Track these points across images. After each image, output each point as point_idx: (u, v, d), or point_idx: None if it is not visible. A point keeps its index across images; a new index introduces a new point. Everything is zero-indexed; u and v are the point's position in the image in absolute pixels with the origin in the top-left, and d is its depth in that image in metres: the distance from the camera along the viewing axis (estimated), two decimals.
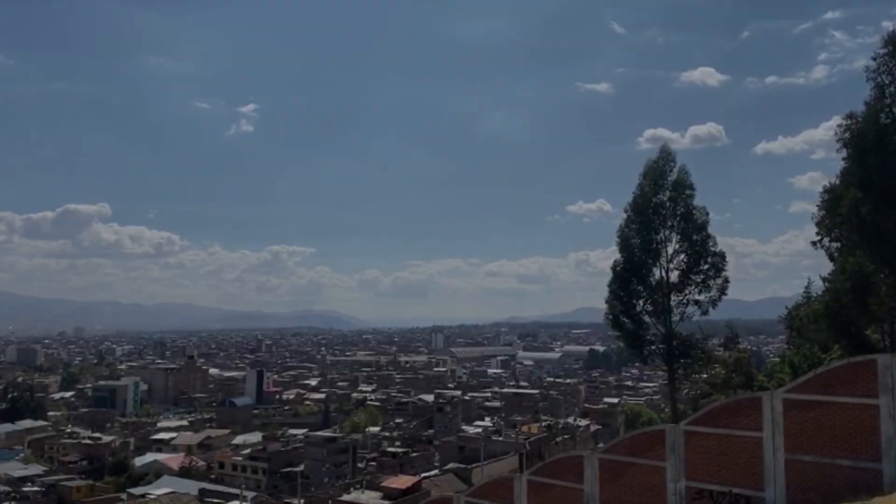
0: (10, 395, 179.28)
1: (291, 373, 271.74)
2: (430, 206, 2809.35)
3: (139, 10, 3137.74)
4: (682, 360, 44.05)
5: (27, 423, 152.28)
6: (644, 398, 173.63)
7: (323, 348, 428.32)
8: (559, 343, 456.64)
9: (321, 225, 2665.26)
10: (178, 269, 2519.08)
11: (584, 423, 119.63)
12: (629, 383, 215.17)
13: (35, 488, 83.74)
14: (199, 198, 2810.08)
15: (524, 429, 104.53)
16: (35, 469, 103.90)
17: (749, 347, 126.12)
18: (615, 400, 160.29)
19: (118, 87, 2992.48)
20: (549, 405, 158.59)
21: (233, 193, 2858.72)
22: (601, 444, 47.49)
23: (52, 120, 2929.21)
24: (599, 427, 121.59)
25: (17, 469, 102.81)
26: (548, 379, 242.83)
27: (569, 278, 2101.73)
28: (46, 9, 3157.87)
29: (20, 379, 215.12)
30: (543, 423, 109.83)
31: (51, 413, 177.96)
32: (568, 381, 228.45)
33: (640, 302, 43.50)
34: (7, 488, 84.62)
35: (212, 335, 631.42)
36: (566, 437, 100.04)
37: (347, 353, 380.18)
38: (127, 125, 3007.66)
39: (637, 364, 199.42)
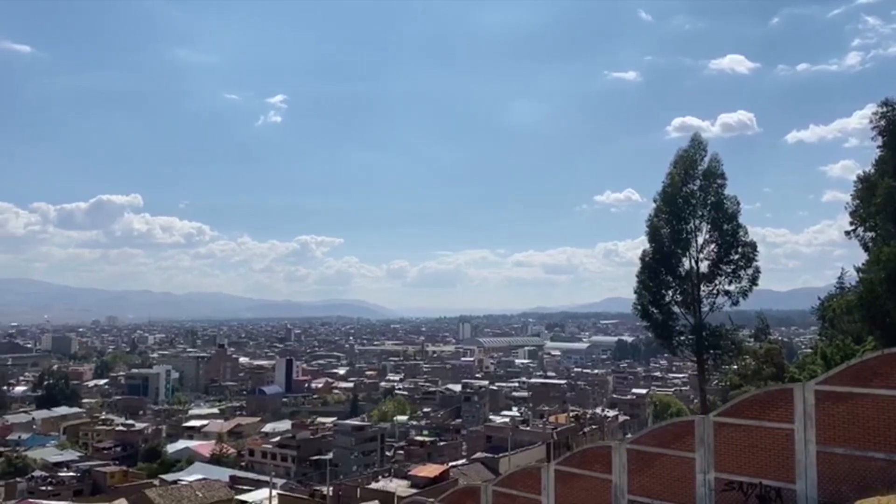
0: (46, 383, 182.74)
1: (320, 362, 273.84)
2: (458, 196, 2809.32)
3: (170, 3, 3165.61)
4: (711, 351, 43.71)
5: (63, 410, 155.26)
6: (673, 389, 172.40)
7: (351, 338, 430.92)
8: (587, 333, 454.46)
9: (349, 215, 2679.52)
10: (208, 258, 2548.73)
11: (612, 413, 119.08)
12: (658, 374, 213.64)
13: (71, 473, 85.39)
14: (228, 188, 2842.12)
15: (552, 419, 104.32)
16: (70, 455, 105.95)
17: (780, 339, 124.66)
18: (644, 391, 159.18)
19: (149, 80, 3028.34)
20: (577, 395, 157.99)
21: (262, 184, 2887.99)
22: (629, 435, 47.27)
23: (84, 112, 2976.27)
24: (628, 418, 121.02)
25: (53, 454, 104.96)
26: (575, 369, 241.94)
27: (597, 268, 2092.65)
28: (79, 2, 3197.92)
29: (56, 367, 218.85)
30: (571, 414, 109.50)
31: (85, 400, 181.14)
32: (596, 371, 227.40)
33: (670, 292, 43.18)
34: (44, 473, 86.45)
35: (242, 324, 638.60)
36: (594, 427, 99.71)
37: (375, 343, 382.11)
38: (158, 117, 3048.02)
39: (666, 355, 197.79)
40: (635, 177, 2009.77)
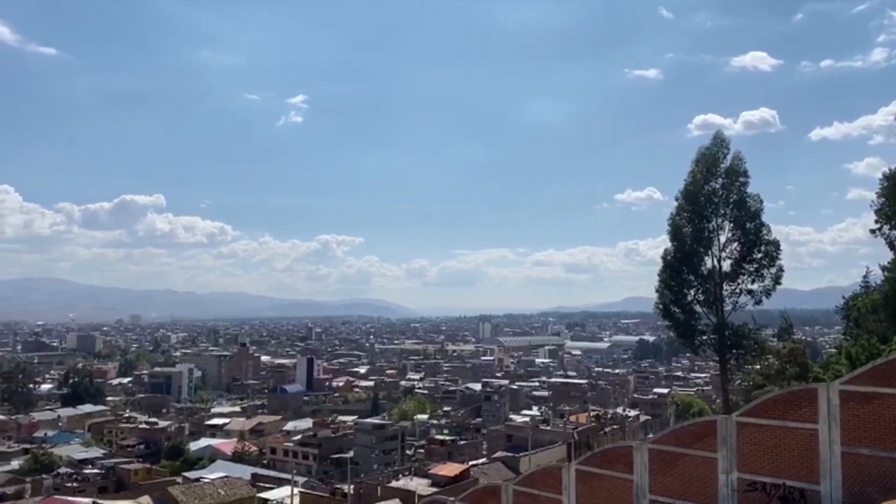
0: (71, 381, 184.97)
1: (341, 360, 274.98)
2: (478, 195, 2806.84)
3: (192, 4, 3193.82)
4: (734, 351, 43.43)
5: (87, 408, 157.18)
6: (695, 389, 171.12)
7: (371, 336, 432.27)
8: (608, 333, 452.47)
9: (370, 214, 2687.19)
10: (230, 258, 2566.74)
11: (633, 413, 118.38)
12: (679, 374, 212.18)
13: (95, 471, 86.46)
14: (250, 188, 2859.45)
15: (572, 419, 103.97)
16: (95, 452, 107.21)
17: (804, 338, 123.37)
18: (665, 390, 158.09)
19: (172, 81, 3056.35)
20: (598, 395, 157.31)
21: (283, 184, 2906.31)
22: (651, 435, 47.02)
23: (108, 113, 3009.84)
24: (649, 418, 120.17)
25: (78, 451, 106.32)
26: (596, 369, 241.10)
27: (617, 267, 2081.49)
28: (103, 5, 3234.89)
29: (80, 365, 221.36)
30: (592, 413, 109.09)
31: (109, 398, 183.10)
32: (617, 371, 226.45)
33: (692, 291, 42.96)
34: (69, 470, 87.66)
35: (263, 323, 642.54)
36: (615, 427, 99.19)
37: (396, 342, 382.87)
38: (181, 117, 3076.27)
39: (688, 354, 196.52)
40: (656, 175, 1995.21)
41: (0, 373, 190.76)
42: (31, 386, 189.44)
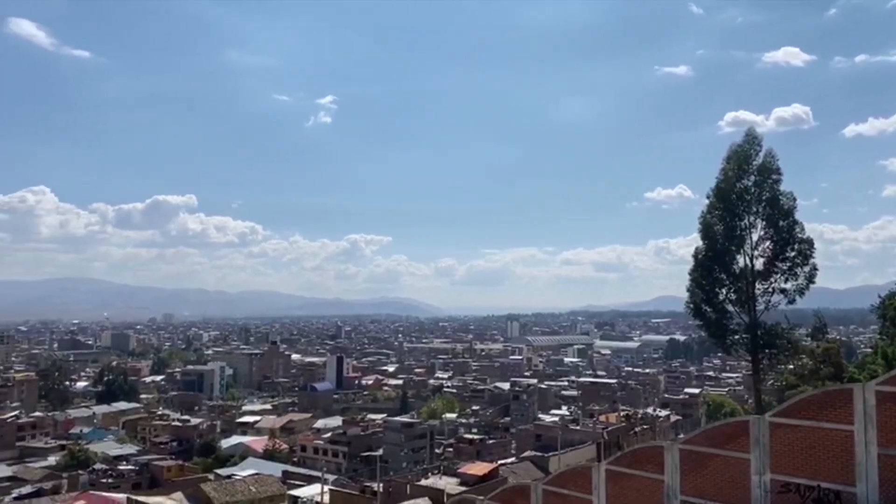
0: (105, 379, 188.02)
1: (370, 359, 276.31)
2: (506, 194, 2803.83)
3: (220, 6, 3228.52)
4: (766, 351, 42.88)
5: (121, 405, 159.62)
6: (727, 389, 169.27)
7: (400, 335, 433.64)
8: (638, 332, 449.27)
9: (398, 214, 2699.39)
10: (261, 257, 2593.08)
11: (663, 413, 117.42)
12: (711, 373, 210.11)
13: (129, 467, 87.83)
14: (280, 188, 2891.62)
15: (602, 418, 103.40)
16: (129, 449, 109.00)
17: (838, 338, 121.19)
18: (696, 390, 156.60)
19: (203, 82, 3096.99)
20: (628, 395, 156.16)
21: (312, 184, 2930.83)
22: (681, 435, 46.60)
23: (141, 114, 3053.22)
24: (680, 418, 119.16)
25: (112, 448, 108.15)
26: (626, 368, 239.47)
27: (648, 266, 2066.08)
28: (134, 7, 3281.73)
29: (115, 363, 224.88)
30: (622, 413, 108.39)
31: (143, 396, 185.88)
32: (647, 370, 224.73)
33: (723, 290, 42.50)
34: (104, 466, 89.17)
35: (293, 322, 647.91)
36: (645, 427, 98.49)
37: (424, 341, 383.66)
38: (211, 118, 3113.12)
39: (719, 354, 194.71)
40: (687, 173, 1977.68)
41: (37, 371, 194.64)
42: (67, 383, 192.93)
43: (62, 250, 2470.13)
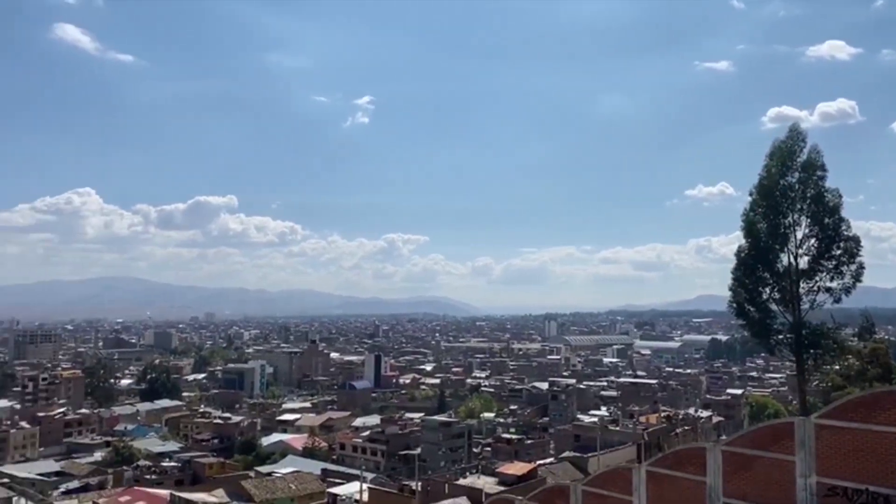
0: (149, 377, 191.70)
1: (407, 358, 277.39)
2: (543, 192, 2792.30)
3: (259, 9, 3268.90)
4: (811, 351, 42.07)
5: (164, 403, 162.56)
6: (770, 390, 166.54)
7: (437, 334, 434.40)
8: (678, 332, 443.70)
9: (435, 213, 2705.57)
10: (300, 257, 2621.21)
11: (705, 414, 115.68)
12: (754, 374, 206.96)
13: (172, 463, 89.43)
14: (318, 188, 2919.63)
15: (642, 419, 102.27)
16: (172, 445, 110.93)
17: (887, 338, 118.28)
18: (739, 391, 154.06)
19: (243, 84, 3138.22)
20: (668, 396, 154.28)
21: (350, 183, 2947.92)
22: (724, 437, 45.90)
23: (182, 117, 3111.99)
24: (722, 419, 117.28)
25: (156, 445, 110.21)
26: (667, 369, 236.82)
27: (689, 265, 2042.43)
28: (175, 11, 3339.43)
29: (158, 361, 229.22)
30: (662, 414, 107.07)
31: (185, 393, 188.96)
32: (688, 371, 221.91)
33: (767, 289, 41.76)
34: (148, 462, 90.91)
35: (332, 321, 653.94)
36: (686, 428, 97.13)
37: (461, 340, 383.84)
38: (251, 120, 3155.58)
39: (763, 354, 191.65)
40: (729, 170, 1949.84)
41: (83, 368, 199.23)
42: (112, 381, 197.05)
43: (107, 250, 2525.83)
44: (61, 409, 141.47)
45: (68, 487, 77.90)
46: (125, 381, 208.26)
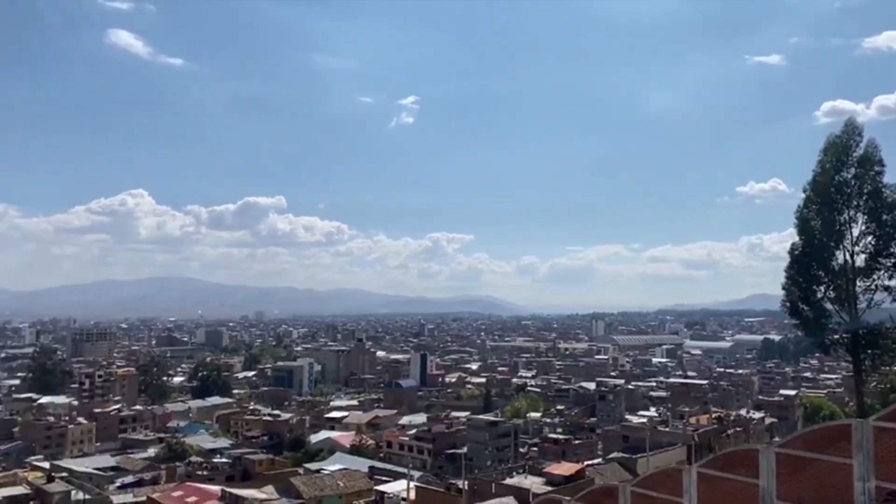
0: (200, 374, 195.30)
1: (453, 357, 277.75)
2: (590, 190, 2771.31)
3: (305, 11, 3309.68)
4: (869, 351, 40.99)
5: (215, 400, 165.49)
6: (825, 391, 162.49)
7: (482, 333, 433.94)
8: (730, 332, 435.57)
9: (479, 212, 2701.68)
10: (346, 256, 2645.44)
11: (757, 415, 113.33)
12: (808, 374, 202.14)
13: (223, 460, 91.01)
14: (364, 188, 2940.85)
15: (692, 420, 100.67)
16: (223, 442, 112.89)
17: None
18: (792, 392, 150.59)
19: (290, 86, 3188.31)
20: (719, 396, 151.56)
21: (395, 183, 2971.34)
22: (777, 438, 44.90)
23: (232, 119, 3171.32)
24: (775, 420, 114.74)
25: (207, 441, 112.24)
26: (718, 369, 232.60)
27: (740, 263, 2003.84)
28: (223, 15, 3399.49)
29: (209, 359, 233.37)
30: (713, 415, 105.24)
31: (235, 391, 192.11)
32: (740, 371, 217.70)
33: (822, 288, 40.80)
34: (199, 459, 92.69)
35: (378, 319, 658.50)
36: (738, 429, 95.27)
37: (507, 339, 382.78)
38: (298, 121, 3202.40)
39: (817, 354, 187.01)
40: (781, 166, 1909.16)
41: (137, 366, 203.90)
42: (165, 379, 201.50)
43: (159, 251, 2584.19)
44: (116, 406, 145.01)
45: (123, 482, 79.91)
46: (177, 379, 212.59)
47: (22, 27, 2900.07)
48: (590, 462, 77.10)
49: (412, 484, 60.21)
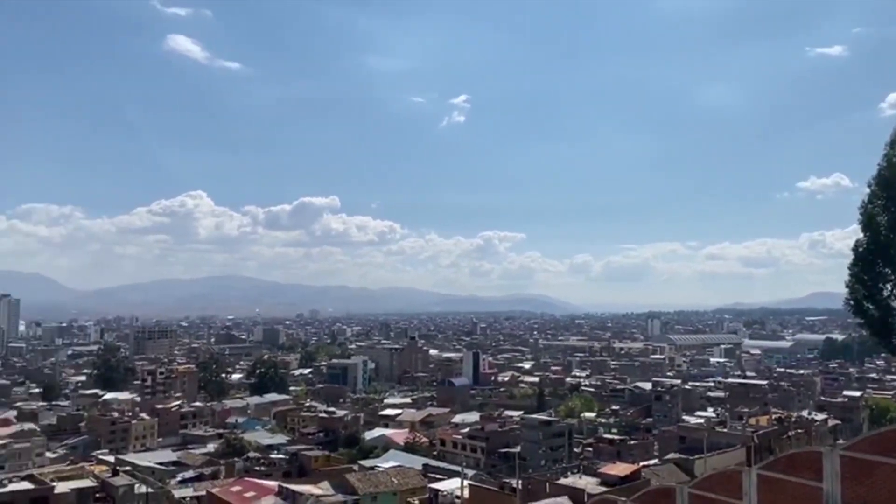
0: (258, 371, 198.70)
1: (505, 356, 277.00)
2: (645, 187, 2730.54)
3: (357, 13, 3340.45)
4: None
5: (272, 397, 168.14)
6: (892, 392, 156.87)
7: (535, 332, 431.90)
8: (790, 331, 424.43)
9: (531, 210, 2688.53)
10: (399, 255, 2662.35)
11: (820, 417, 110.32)
12: (874, 375, 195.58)
13: (280, 456, 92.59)
14: (415, 188, 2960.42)
15: (752, 421, 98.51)
16: (280, 438, 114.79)
17: None
18: (857, 393, 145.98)
19: (344, 87, 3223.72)
20: (780, 397, 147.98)
21: (446, 182, 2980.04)
22: (841, 441, 43.61)
23: (287, 120, 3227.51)
24: (839, 422, 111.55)
25: (264, 438, 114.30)
26: (778, 369, 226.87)
27: (801, 261, 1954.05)
28: (278, 18, 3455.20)
29: (266, 356, 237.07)
30: (773, 416, 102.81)
31: (292, 388, 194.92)
32: (801, 371, 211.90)
33: (888, 286, 39.36)
34: (257, 454, 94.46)
35: (431, 318, 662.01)
36: (800, 431, 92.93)
37: (560, 338, 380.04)
38: (351, 122, 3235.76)
39: (883, 354, 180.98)
40: (844, 160, 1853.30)
41: (197, 363, 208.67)
42: (224, 375, 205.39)
43: (218, 250, 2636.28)
44: (177, 402, 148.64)
45: (184, 476, 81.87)
46: (236, 376, 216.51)
47: (85, 34, 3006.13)
48: (646, 463, 75.94)
49: (466, 482, 60.23)
